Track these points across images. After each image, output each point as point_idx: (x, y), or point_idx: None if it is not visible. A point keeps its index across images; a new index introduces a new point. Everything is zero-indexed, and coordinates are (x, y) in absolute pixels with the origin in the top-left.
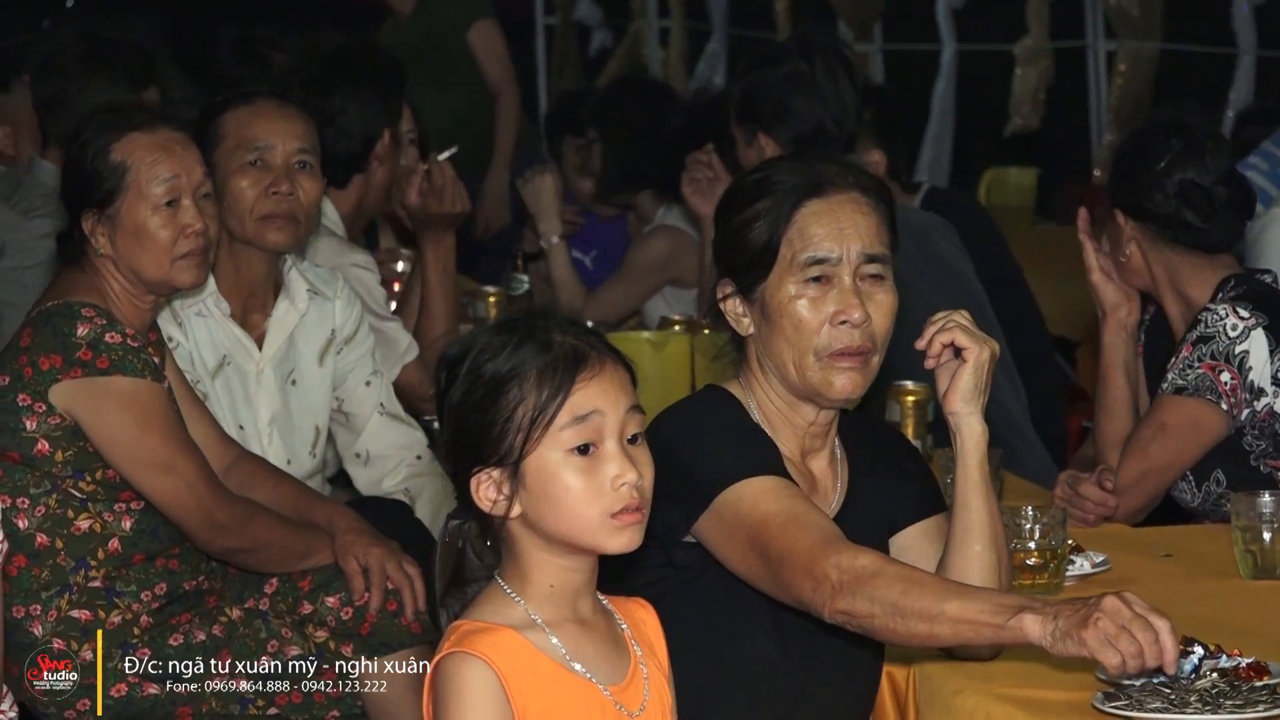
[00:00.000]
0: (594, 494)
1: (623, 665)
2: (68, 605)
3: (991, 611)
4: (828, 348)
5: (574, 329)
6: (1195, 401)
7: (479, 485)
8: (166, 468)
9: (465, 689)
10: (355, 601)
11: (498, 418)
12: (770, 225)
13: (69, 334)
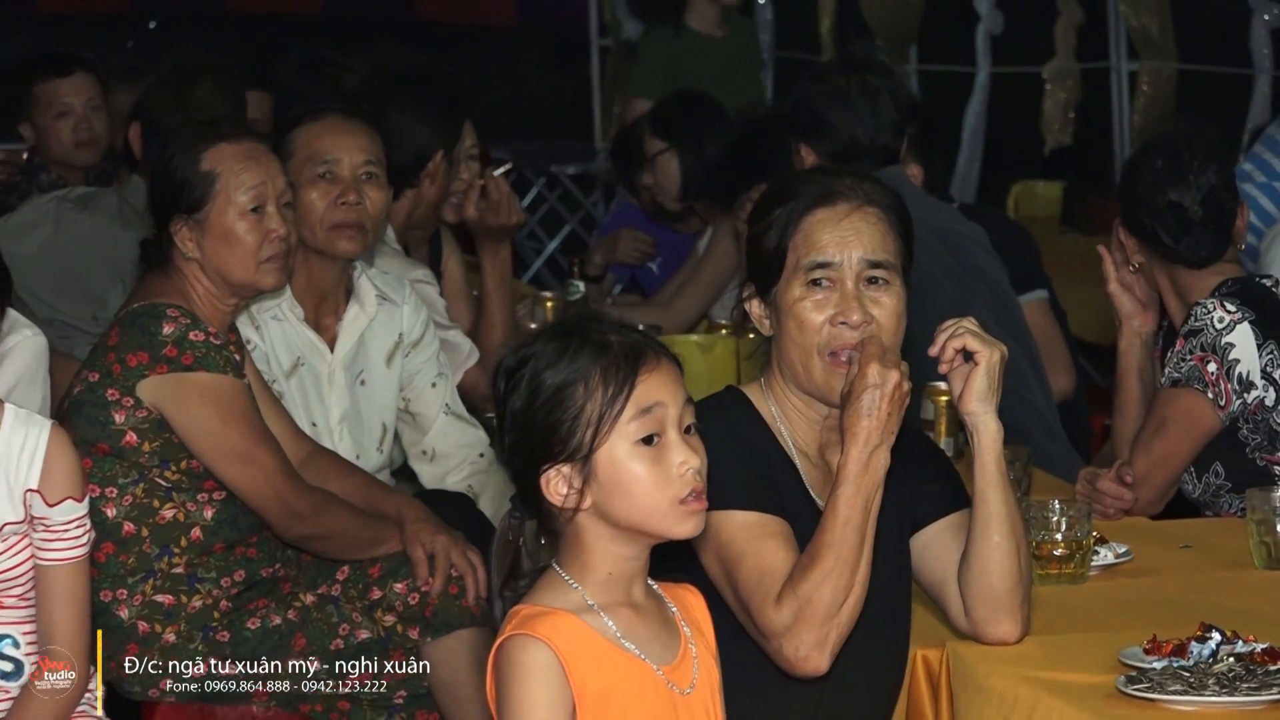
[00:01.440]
0: (663, 481)
1: (674, 646)
2: (152, 590)
3: (856, 482)
4: (828, 346)
5: (624, 329)
6: (1187, 392)
7: (549, 481)
8: (246, 458)
9: (527, 669)
10: (420, 587)
11: (565, 417)
12: (781, 231)
13: (155, 332)
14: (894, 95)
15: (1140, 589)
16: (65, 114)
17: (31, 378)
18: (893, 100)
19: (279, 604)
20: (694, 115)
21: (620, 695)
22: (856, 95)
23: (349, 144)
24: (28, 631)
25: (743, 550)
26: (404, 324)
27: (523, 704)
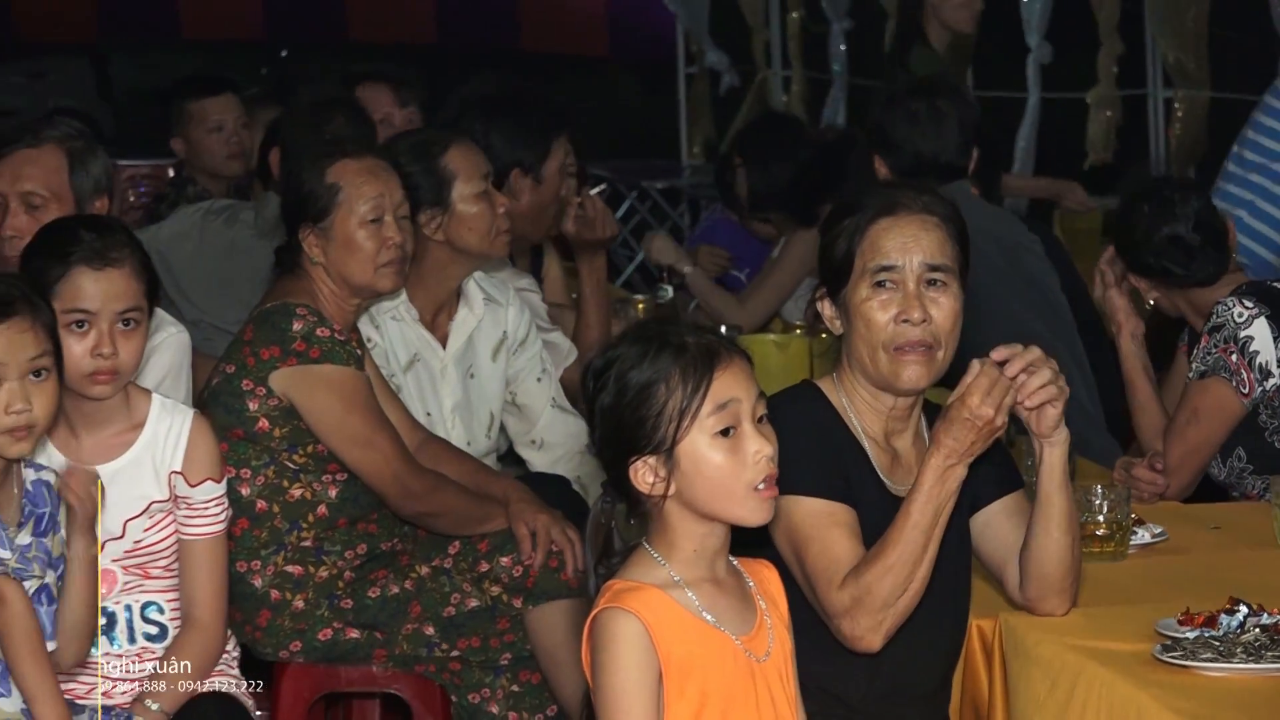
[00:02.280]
0: (739, 468)
1: (751, 617)
2: (283, 561)
3: (930, 494)
4: (894, 342)
5: (700, 331)
6: (1215, 381)
7: (637, 472)
8: (367, 443)
9: (618, 639)
10: (524, 561)
11: (650, 413)
12: (849, 239)
13: (286, 329)
14: (960, 118)
15: (1174, 566)
16: (217, 129)
17: (177, 372)
18: (958, 122)
19: (397, 575)
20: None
21: (701, 663)
22: (925, 117)
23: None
24: (171, 599)
25: (810, 535)
26: (508, 324)
27: (615, 670)
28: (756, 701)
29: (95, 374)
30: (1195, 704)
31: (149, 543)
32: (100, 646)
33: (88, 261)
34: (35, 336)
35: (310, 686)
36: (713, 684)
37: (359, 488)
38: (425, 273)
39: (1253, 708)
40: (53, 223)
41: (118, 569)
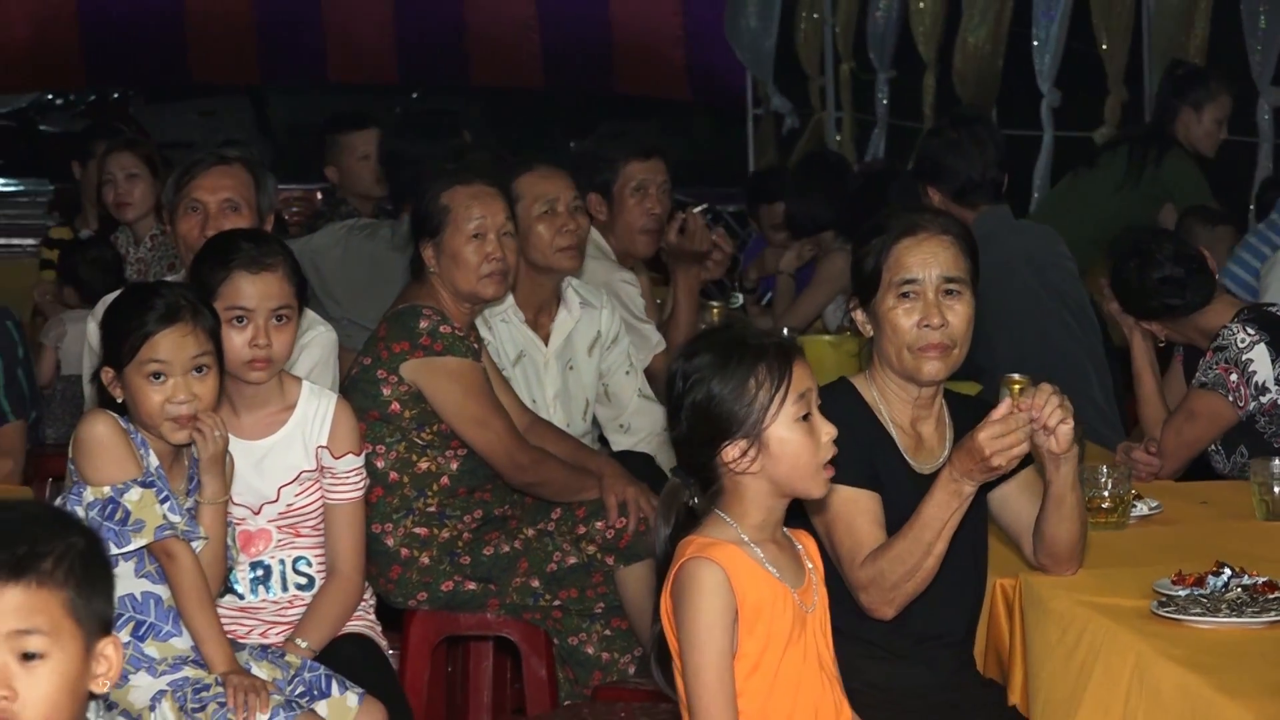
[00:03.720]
0: (814, 448)
1: (801, 575)
2: (411, 524)
3: (944, 505)
4: (916, 344)
5: (770, 334)
6: (1213, 394)
7: (728, 454)
8: (483, 423)
9: (703, 584)
10: (615, 525)
11: (742, 404)
12: (876, 256)
13: (414, 327)
14: (994, 142)
15: (1168, 534)
16: (364, 158)
17: (325, 363)
18: (994, 146)
19: (507, 536)
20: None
21: (768, 608)
22: (968, 143)
23: (561, 185)
24: (318, 554)
25: (838, 516)
26: (602, 324)
27: (700, 610)
28: (804, 643)
29: (252, 362)
30: (1186, 652)
31: (299, 506)
32: (258, 594)
33: (246, 266)
34: (196, 339)
35: (434, 630)
36: (775, 627)
37: (476, 461)
38: (522, 281)
39: (1235, 655)
40: (216, 235)
41: (273, 529)
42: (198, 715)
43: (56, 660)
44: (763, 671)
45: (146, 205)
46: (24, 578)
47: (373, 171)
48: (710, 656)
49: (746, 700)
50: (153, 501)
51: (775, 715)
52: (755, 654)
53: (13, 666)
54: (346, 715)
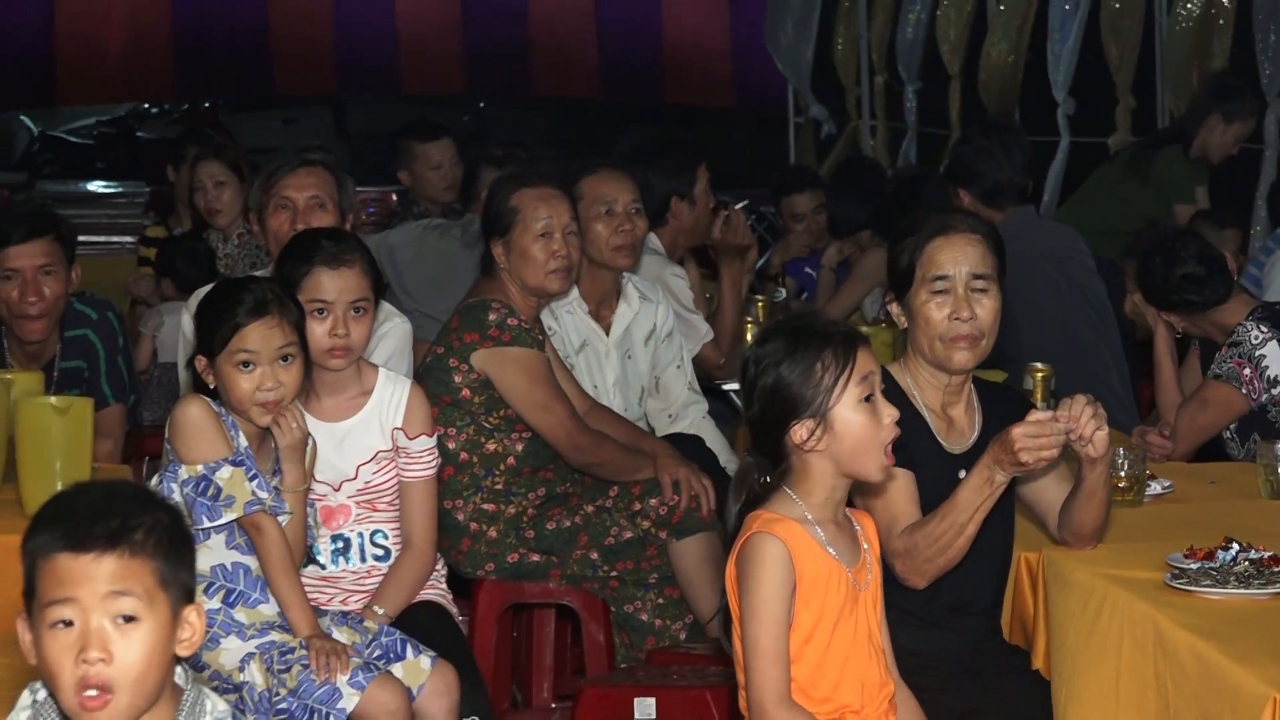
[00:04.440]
0: (876, 428)
1: (856, 554)
2: (480, 500)
3: (975, 490)
4: (947, 335)
5: (832, 322)
6: (1226, 385)
7: (796, 432)
8: (546, 408)
9: (766, 556)
10: (668, 502)
11: (810, 385)
12: (910, 254)
13: (483, 319)
14: (1021, 148)
15: (1180, 512)
16: (436, 167)
17: (400, 352)
18: (1021, 152)
19: (568, 512)
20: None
21: (823, 584)
22: (997, 150)
23: (619, 187)
24: (394, 528)
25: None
26: (658, 319)
27: (761, 582)
28: (855, 619)
29: (332, 350)
30: (1197, 620)
31: (376, 483)
32: (339, 565)
33: (326, 262)
34: (283, 330)
35: (501, 598)
36: (829, 602)
37: (539, 443)
38: (585, 275)
39: (1242, 624)
40: (299, 234)
41: (352, 504)
42: (283, 676)
43: (148, 624)
44: (815, 643)
45: (235, 209)
46: (119, 547)
47: (444, 179)
48: (767, 625)
49: (799, 668)
50: (242, 479)
51: (824, 683)
52: (809, 626)
53: (109, 630)
54: (420, 677)
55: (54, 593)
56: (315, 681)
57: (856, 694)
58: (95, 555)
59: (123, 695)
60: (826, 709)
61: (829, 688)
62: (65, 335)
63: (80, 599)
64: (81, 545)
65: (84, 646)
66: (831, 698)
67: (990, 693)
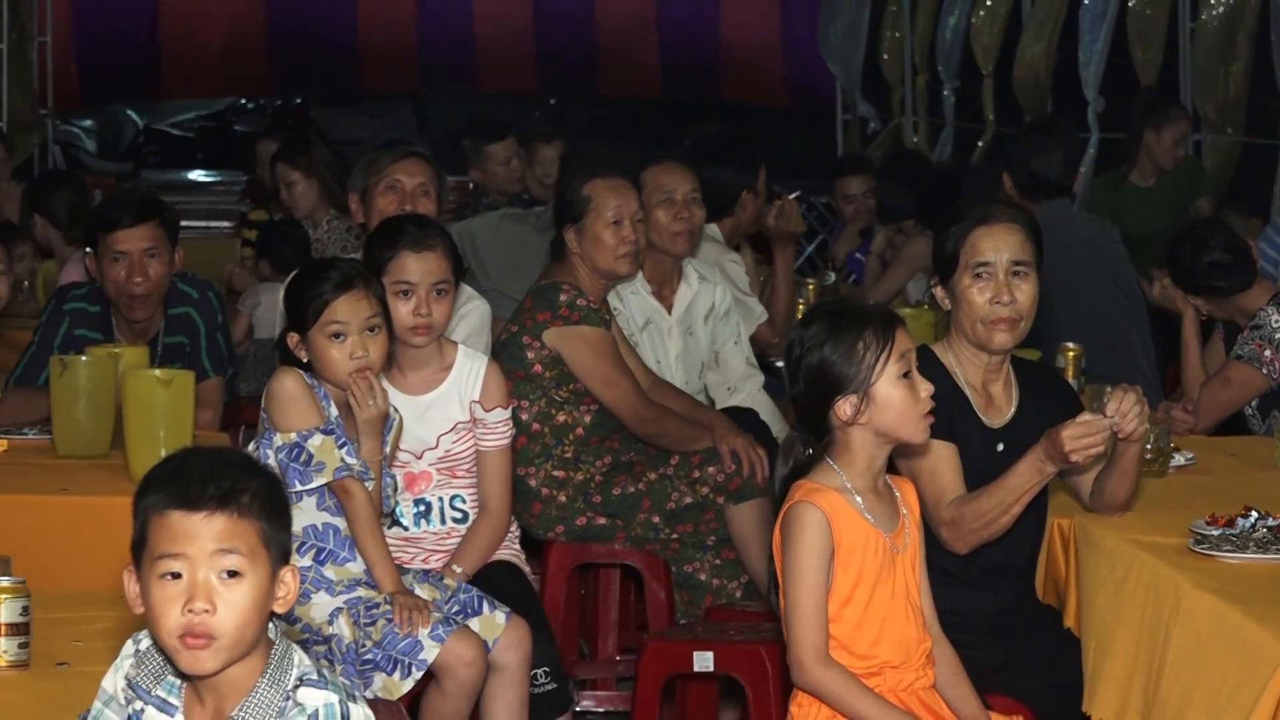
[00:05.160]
0: (915, 401)
1: (895, 520)
2: (551, 468)
3: (1025, 477)
4: (988, 318)
5: (871, 305)
6: (1247, 365)
7: (840, 407)
8: (612, 383)
9: (806, 525)
10: (727, 470)
11: (853, 363)
12: (955, 241)
13: (554, 300)
14: (1066, 150)
15: (1202, 482)
16: (504, 164)
17: (479, 331)
18: (1064, 153)
19: (633, 479)
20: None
21: (860, 549)
22: (1038, 147)
23: (679, 179)
24: (471, 493)
25: (922, 465)
26: (716, 298)
27: (801, 547)
28: (893, 581)
29: (415, 328)
30: (1218, 583)
31: (455, 452)
32: (420, 527)
33: (410, 246)
34: (369, 302)
35: (570, 558)
36: (867, 565)
37: (606, 415)
38: (648, 259)
39: (1260, 587)
40: (385, 220)
41: (433, 470)
42: (369, 629)
43: (250, 580)
44: (854, 604)
45: (309, 204)
46: (228, 508)
47: (512, 173)
48: (807, 587)
49: (838, 627)
50: (332, 447)
51: (864, 641)
52: (847, 588)
53: (215, 584)
54: (495, 630)
55: (165, 547)
56: (398, 634)
57: (895, 650)
58: (206, 514)
59: (223, 642)
60: (866, 664)
61: (868, 645)
62: (169, 313)
63: (190, 554)
64: (194, 505)
65: (190, 598)
66: (871, 654)
67: (1024, 648)
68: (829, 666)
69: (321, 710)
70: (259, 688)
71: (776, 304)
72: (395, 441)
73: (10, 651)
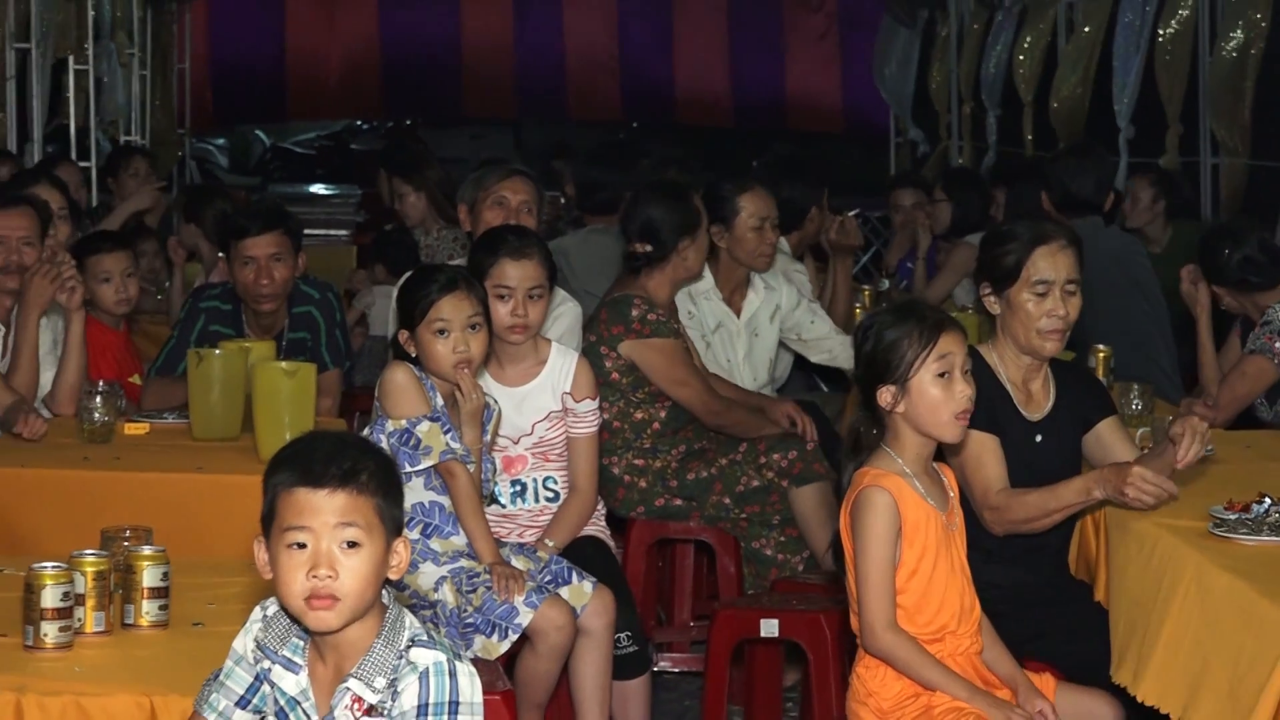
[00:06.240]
0: (948, 400)
1: (946, 500)
2: (632, 457)
3: (1076, 494)
4: (1043, 329)
5: (933, 309)
6: (1260, 357)
7: (881, 394)
8: (684, 383)
9: (876, 507)
10: (784, 428)
11: (896, 356)
12: (1017, 257)
13: (627, 313)
14: (1099, 173)
15: (1221, 470)
16: None
17: (571, 329)
18: (1096, 175)
19: (705, 464)
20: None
21: (922, 526)
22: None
23: (771, 205)
24: (562, 475)
25: (969, 454)
26: (781, 299)
27: (871, 527)
28: (949, 554)
29: (513, 327)
30: (1234, 563)
31: (548, 437)
32: (516, 505)
33: (510, 254)
34: (470, 302)
35: (649, 535)
36: (929, 541)
37: (679, 410)
38: (723, 268)
39: (1274, 567)
40: (488, 230)
41: (528, 454)
42: (470, 596)
43: (368, 550)
44: (919, 576)
45: (419, 214)
46: (348, 486)
47: None
48: (876, 563)
49: (905, 597)
50: (438, 432)
51: (927, 609)
52: (913, 562)
53: (337, 553)
54: (583, 598)
55: (292, 520)
56: (497, 601)
57: (953, 616)
58: (329, 491)
59: (344, 603)
60: (929, 630)
61: (931, 612)
62: (293, 311)
63: (314, 527)
64: (318, 482)
65: (314, 565)
66: (933, 621)
67: (1058, 619)
68: (897, 634)
69: (431, 668)
70: (375, 647)
71: (836, 308)
72: (495, 430)
73: (152, 613)
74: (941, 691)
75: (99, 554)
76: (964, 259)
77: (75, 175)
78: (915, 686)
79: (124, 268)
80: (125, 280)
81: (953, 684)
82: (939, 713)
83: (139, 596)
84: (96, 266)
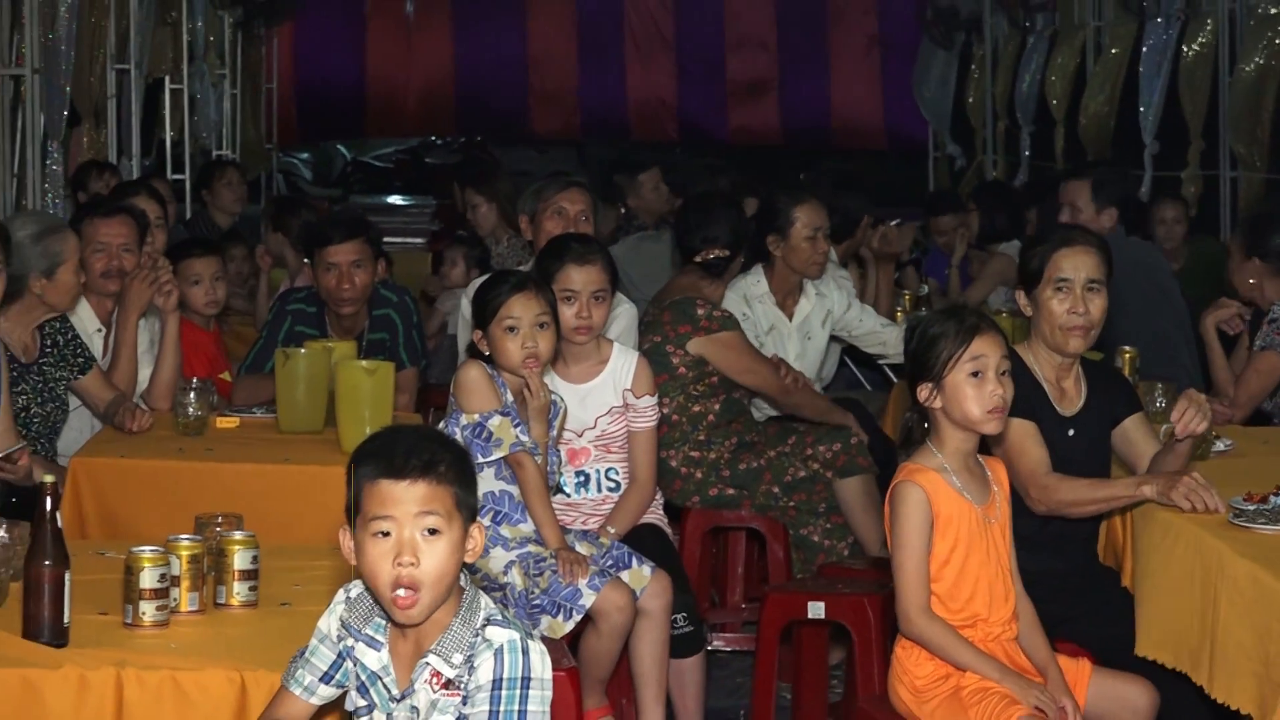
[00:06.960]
0: (979, 398)
1: (987, 494)
2: (688, 449)
3: (1125, 488)
4: (1066, 325)
5: (975, 313)
6: (1270, 351)
7: (920, 391)
8: (753, 370)
9: (909, 501)
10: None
11: (933, 355)
12: (1042, 258)
13: (691, 313)
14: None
15: (1240, 465)
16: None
17: (629, 329)
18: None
19: (755, 456)
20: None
21: (956, 520)
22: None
23: (824, 217)
24: (623, 466)
25: (1014, 439)
26: (832, 304)
27: (905, 519)
28: (985, 546)
29: (577, 329)
30: (1254, 550)
31: (610, 431)
32: (580, 494)
33: (574, 259)
34: (538, 302)
35: (704, 523)
36: (962, 533)
37: (732, 403)
38: (778, 274)
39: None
40: (554, 237)
41: (591, 447)
42: (537, 579)
43: (447, 537)
44: (951, 565)
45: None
46: (428, 476)
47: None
48: (910, 552)
49: (939, 585)
50: (509, 426)
51: (960, 595)
52: (946, 552)
53: (418, 540)
54: (642, 581)
55: (376, 510)
56: (562, 583)
57: (985, 604)
58: (410, 482)
59: (426, 592)
60: (962, 615)
61: (964, 599)
62: (373, 313)
63: (397, 516)
64: (400, 474)
65: (398, 552)
66: (965, 607)
67: (1087, 604)
68: (931, 619)
69: (505, 645)
70: (453, 626)
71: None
72: (560, 425)
73: (242, 593)
74: (973, 672)
75: (193, 539)
76: (999, 267)
77: (166, 188)
78: (947, 668)
79: (213, 271)
80: (214, 283)
81: (984, 664)
82: (967, 693)
83: (230, 578)
84: (187, 270)
